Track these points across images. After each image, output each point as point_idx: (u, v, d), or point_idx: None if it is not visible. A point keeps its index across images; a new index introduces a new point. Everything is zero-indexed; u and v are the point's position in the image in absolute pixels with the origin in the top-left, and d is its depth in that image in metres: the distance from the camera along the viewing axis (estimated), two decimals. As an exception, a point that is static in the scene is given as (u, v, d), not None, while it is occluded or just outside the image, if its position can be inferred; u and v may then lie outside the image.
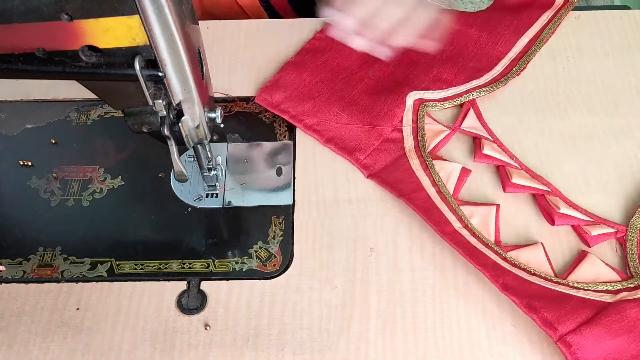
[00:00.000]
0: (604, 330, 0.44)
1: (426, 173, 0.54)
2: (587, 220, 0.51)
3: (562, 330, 0.44)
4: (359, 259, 0.51)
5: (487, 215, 0.52)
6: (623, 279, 0.49)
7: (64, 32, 0.34)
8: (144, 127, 0.43)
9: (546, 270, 0.49)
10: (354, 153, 0.56)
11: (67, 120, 0.60)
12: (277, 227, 0.53)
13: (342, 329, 0.48)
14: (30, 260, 0.51)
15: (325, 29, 0.64)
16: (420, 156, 0.55)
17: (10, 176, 0.56)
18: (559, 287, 0.48)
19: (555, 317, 0.45)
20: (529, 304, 0.46)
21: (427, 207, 0.52)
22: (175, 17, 0.35)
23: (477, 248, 0.49)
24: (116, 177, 0.56)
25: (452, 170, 0.54)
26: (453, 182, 0.54)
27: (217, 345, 0.47)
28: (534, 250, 0.50)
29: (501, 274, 0.48)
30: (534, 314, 0.45)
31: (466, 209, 0.52)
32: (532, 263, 0.49)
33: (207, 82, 0.45)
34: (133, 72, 0.36)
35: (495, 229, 0.52)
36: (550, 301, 0.46)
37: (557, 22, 0.65)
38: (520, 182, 0.53)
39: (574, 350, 0.43)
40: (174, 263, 0.51)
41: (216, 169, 0.53)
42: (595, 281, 0.48)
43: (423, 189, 0.53)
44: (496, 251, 0.50)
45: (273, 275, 0.50)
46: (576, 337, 0.44)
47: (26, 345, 0.47)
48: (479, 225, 0.51)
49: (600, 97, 0.61)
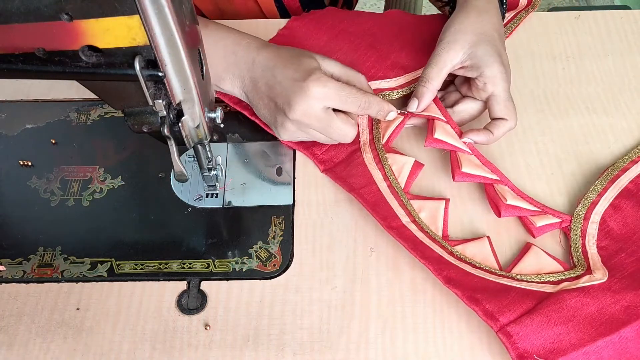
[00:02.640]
0: (544, 320, 0.45)
1: (378, 167, 0.54)
2: (534, 210, 0.51)
3: (502, 320, 0.45)
4: (359, 259, 0.51)
5: (436, 210, 0.52)
6: (566, 269, 0.49)
7: (64, 32, 0.34)
8: (144, 127, 0.43)
9: (491, 264, 0.50)
10: (311, 148, 0.56)
11: (67, 120, 0.60)
12: (277, 227, 0.53)
13: (342, 329, 0.48)
14: (30, 260, 0.51)
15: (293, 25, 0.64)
16: (374, 149, 0.55)
17: (10, 176, 0.56)
18: (502, 280, 0.48)
19: (496, 309, 0.45)
20: (471, 296, 0.46)
21: (375, 201, 0.52)
22: (175, 17, 0.35)
23: (423, 242, 0.50)
24: (116, 177, 0.56)
25: (404, 163, 0.54)
26: (405, 175, 0.54)
27: (217, 345, 0.47)
28: (480, 244, 0.51)
29: (445, 267, 0.48)
30: (475, 306, 0.46)
31: (416, 203, 0.52)
32: (477, 257, 0.50)
33: (207, 82, 0.45)
34: (133, 72, 0.36)
35: (444, 223, 0.52)
36: (492, 293, 0.46)
37: (516, 23, 0.65)
38: (469, 170, 0.52)
39: (514, 340, 0.44)
40: (174, 263, 0.51)
41: (216, 169, 0.53)
42: (538, 272, 0.49)
43: (374, 183, 0.53)
44: (442, 245, 0.50)
45: (273, 275, 0.50)
46: (516, 327, 0.45)
47: (26, 345, 0.47)
48: (427, 219, 0.52)
49: (600, 97, 0.61)
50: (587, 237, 0.51)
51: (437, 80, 0.54)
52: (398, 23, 0.65)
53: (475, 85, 0.54)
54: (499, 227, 0.53)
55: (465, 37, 0.53)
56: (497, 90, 0.52)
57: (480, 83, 0.53)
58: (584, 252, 0.50)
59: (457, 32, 0.53)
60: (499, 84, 0.52)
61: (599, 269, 0.48)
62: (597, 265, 0.49)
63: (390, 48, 0.62)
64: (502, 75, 0.52)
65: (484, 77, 0.52)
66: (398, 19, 0.66)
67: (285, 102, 0.51)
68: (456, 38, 0.53)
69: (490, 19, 0.55)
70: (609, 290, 0.47)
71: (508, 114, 0.53)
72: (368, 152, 0.55)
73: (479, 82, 0.53)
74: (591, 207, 0.53)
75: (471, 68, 0.53)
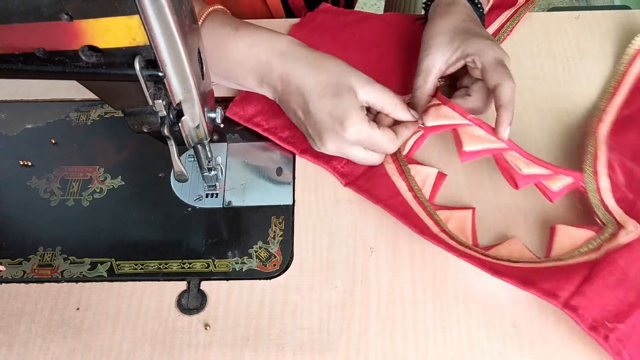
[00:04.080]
0: (602, 284, 0.45)
1: (402, 178, 0.54)
2: (547, 173, 0.51)
3: (563, 295, 0.45)
4: (359, 259, 0.51)
5: (464, 220, 0.52)
6: (598, 231, 0.49)
7: (64, 32, 0.34)
8: (144, 127, 0.43)
9: (529, 257, 0.49)
10: (331, 162, 0.55)
11: (67, 120, 0.60)
12: (277, 227, 0.53)
13: (342, 329, 0.48)
14: (30, 260, 0.51)
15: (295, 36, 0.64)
16: (396, 160, 0.55)
17: (10, 176, 0.56)
18: (547, 264, 0.48)
19: (553, 286, 0.45)
20: (525, 279, 0.46)
21: (405, 211, 0.52)
22: (175, 17, 0.35)
23: (459, 250, 0.49)
24: (116, 177, 0.56)
25: (428, 175, 0.54)
26: (429, 186, 0.54)
27: (217, 345, 0.47)
28: (512, 243, 0.50)
29: (486, 263, 0.48)
30: (532, 288, 0.45)
31: (442, 213, 0.52)
32: (513, 255, 0.50)
33: (207, 82, 0.45)
34: (133, 72, 0.36)
35: (473, 233, 0.52)
36: (544, 274, 0.46)
37: (516, 20, 0.65)
38: (473, 147, 0.50)
39: (581, 313, 0.44)
40: (174, 263, 0.51)
41: (216, 169, 0.53)
42: (575, 247, 0.49)
43: (400, 194, 0.53)
44: (477, 251, 0.49)
45: (273, 275, 0.50)
46: (579, 298, 0.44)
47: (26, 345, 0.47)
48: (455, 230, 0.51)
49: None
50: (602, 191, 0.51)
51: (430, 83, 0.55)
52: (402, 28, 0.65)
53: (470, 68, 0.54)
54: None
55: (440, 39, 0.54)
56: (485, 59, 0.52)
57: (470, 63, 0.53)
58: (606, 208, 0.50)
59: (430, 37, 0.55)
60: (487, 53, 0.52)
61: (627, 221, 0.48)
62: (623, 217, 0.49)
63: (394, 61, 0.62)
64: (488, 45, 0.52)
65: (472, 56, 0.53)
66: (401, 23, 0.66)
67: (317, 135, 0.51)
68: (432, 43, 0.55)
69: (455, 15, 0.56)
70: None
71: (502, 77, 0.51)
72: (390, 163, 0.55)
73: (470, 63, 0.53)
74: (595, 160, 0.52)
75: (459, 60, 0.54)
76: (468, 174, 0.56)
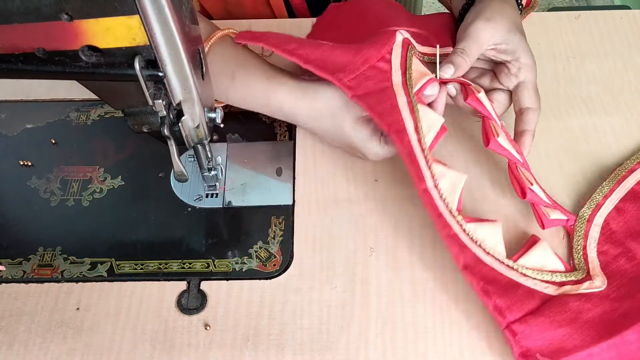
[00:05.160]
0: (548, 321, 0.45)
1: (412, 116, 0.50)
2: (547, 202, 0.51)
3: (509, 318, 0.45)
4: (359, 259, 0.51)
5: (456, 182, 0.50)
6: (567, 270, 0.49)
7: (64, 32, 0.34)
8: (144, 127, 0.43)
9: (501, 251, 0.49)
10: (337, 73, 0.52)
11: (67, 120, 0.60)
12: (277, 227, 0.53)
13: (342, 329, 0.48)
14: (30, 260, 0.51)
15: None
16: (408, 95, 0.51)
17: (10, 176, 0.56)
18: (510, 273, 0.48)
19: (505, 305, 0.46)
20: (484, 288, 0.46)
21: (409, 152, 0.49)
22: (175, 17, 0.35)
23: (441, 214, 0.48)
24: (116, 177, 0.56)
25: (434, 122, 0.51)
26: (432, 135, 0.51)
27: (217, 345, 0.47)
28: (493, 227, 0.49)
29: (461, 250, 0.47)
30: (487, 298, 0.46)
31: (437, 167, 0.49)
32: (488, 241, 0.49)
33: (207, 82, 0.45)
34: (133, 72, 0.36)
35: (459, 198, 0.50)
36: (502, 288, 0.47)
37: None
38: (504, 143, 0.51)
39: (518, 339, 0.45)
40: (174, 263, 0.51)
41: (216, 169, 0.53)
42: (542, 269, 0.49)
43: (406, 133, 0.50)
44: (458, 221, 0.48)
45: (273, 275, 0.50)
46: (522, 325, 0.45)
47: (26, 345, 0.47)
48: (446, 189, 0.49)
49: (600, 97, 0.61)
50: (588, 239, 0.51)
51: (474, 55, 0.53)
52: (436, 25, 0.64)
53: (507, 71, 0.53)
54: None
55: (503, 20, 0.53)
56: (529, 77, 0.53)
57: (514, 68, 0.53)
58: (585, 255, 0.50)
59: (495, 14, 0.53)
60: (532, 72, 0.53)
61: (598, 275, 0.48)
62: (596, 270, 0.49)
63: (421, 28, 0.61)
64: (535, 66, 0.53)
65: (519, 62, 0.53)
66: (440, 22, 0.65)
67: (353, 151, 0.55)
68: (495, 18, 0.52)
69: (513, 12, 0.55)
70: (607, 299, 0.47)
71: (536, 103, 0.53)
72: (402, 96, 0.51)
73: (513, 67, 0.53)
74: (596, 209, 0.52)
75: (505, 52, 0.53)
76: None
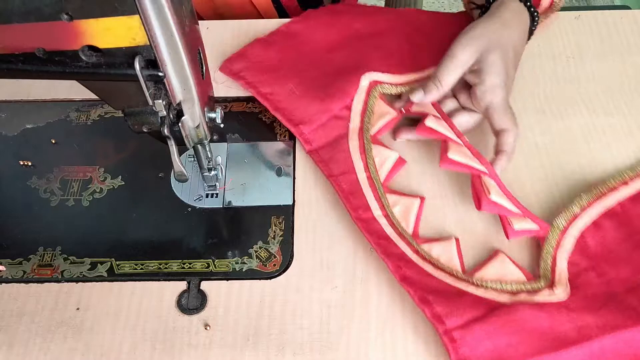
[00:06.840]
0: (492, 329, 0.44)
1: (362, 157, 0.54)
2: (515, 212, 0.50)
3: (449, 325, 0.45)
4: (359, 259, 0.51)
5: (410, 206, 0.52)
6: (529, 279, 0.49)
7: (64, 32, 0.34)
8: (144, 127, 0.43)
9: (454, 266, 0.49)
10: (299, 126, 0.56)
11: (67, 120, 0.60)
12: (277, 227, 0.53)
13: (342, 329, 0.48)
14: (30, 260, 0.51)
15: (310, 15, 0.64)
16: (361, 138, 0.55)
17: (10, 176, 0.56)
18: (460, 284, 0.48)
19: (445, 312, 0.45)
20: (423, 297, 0.46)
21: (350, 190, 0.52)
22: (175, 17, 0.35)
23: (389, 237, 0.49)
24: (116, 177, 0.56)
25: (388, 157, 0.54)
26: (386, 169, 0.54)
27: (217, 345, 0.47)
28: (447, 245, 0.50)
29: (404, 265, 0.48)
30: (425, 306, 0.46)
31: (391, 197, 0.52)
32: (442, 257, 0.49)
33: (207, 82, 0.45)
34: (133, 72, 0.36)
35: (416, 221, 0.51)
36: (444, 296, 0.46)
37: None
38: (456, 158, 0.51)
39: (457, 345, 0.44)
40: (174, 263, 0.51)
41: (216, 169, 0.53)
42: (499, 280, 0.48)
43: (354, 172, 0.53)
44: (409, 242, 0.49)
45: (273, 275, 0.50)
46: (462, 332, 0.44)
47: (26, 345, 0.47)
48: (399, 214, 0.51)
49: (600, 97, 0.61)
50: (560, 249, 0.50)
51: (449, 83, 0.53)
52: (413, 23, 0.65)
53: (475, 94, 0.53)
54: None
55: (480, 42, 0.52)
56: (495, 100, 0.52)
57: (479, 92, 0.52)
58: (553, 265, 0.49)
59: (475, 36, 0.53)
60: (498, 94, 0.52)
61: (562, 285, 0.48)
62: (562, 280, 0.48)
63: (399, 48, 0.62)
64: (502, 85, 0.52)
65: (484, 85, 0.52)
66: (414, 18, 0.65)
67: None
68: (472, 42, 0.53)
69: (511, 33, 0.54)
70: (566, 308, 0.46)
71: (508, 124, 0.52)
72: (355, 140, 0.55)
73: (479, 91, 0.52)
74: (572, 219, 0.51)
75: (475, 73, 0.53)
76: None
